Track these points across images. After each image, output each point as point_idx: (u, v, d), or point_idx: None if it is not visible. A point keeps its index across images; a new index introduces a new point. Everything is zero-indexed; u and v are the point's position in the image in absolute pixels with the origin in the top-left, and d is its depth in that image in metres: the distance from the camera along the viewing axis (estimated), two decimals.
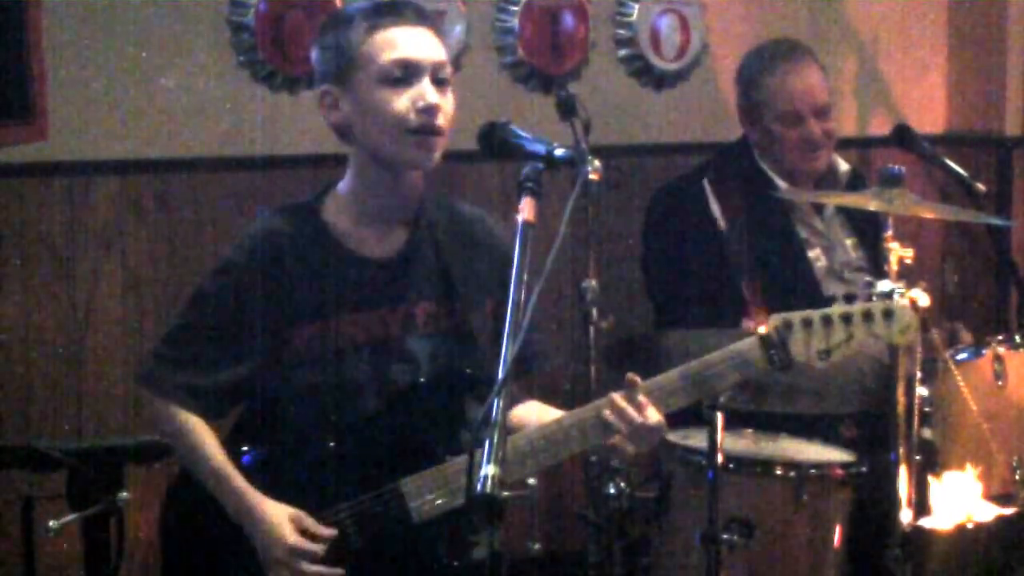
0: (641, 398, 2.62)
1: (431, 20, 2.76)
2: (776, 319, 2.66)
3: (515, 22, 4.22)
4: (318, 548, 2.64)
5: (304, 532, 2.65)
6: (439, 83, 2.71)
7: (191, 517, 2.78)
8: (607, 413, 2.61)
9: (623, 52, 4.45)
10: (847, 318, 2.67)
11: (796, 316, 2.66)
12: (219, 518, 2.70)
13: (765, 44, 4.17)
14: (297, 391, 2.73)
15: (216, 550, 2.73)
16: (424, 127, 2.68)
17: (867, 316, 2.68)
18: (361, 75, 2.69)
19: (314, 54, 2.79)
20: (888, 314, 2.69)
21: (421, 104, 2.67)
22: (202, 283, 2.80)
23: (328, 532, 2.66)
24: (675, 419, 2.77)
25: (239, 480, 2.69)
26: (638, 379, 2.63)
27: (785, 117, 3.99)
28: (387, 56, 2.67)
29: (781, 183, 4.00)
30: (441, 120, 2.70)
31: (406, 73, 2.67)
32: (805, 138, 3.99)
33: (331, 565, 2.65)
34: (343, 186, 2.80)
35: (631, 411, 2.60)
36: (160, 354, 2.78)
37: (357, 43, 2.69)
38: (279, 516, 2.65)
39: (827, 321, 2.67)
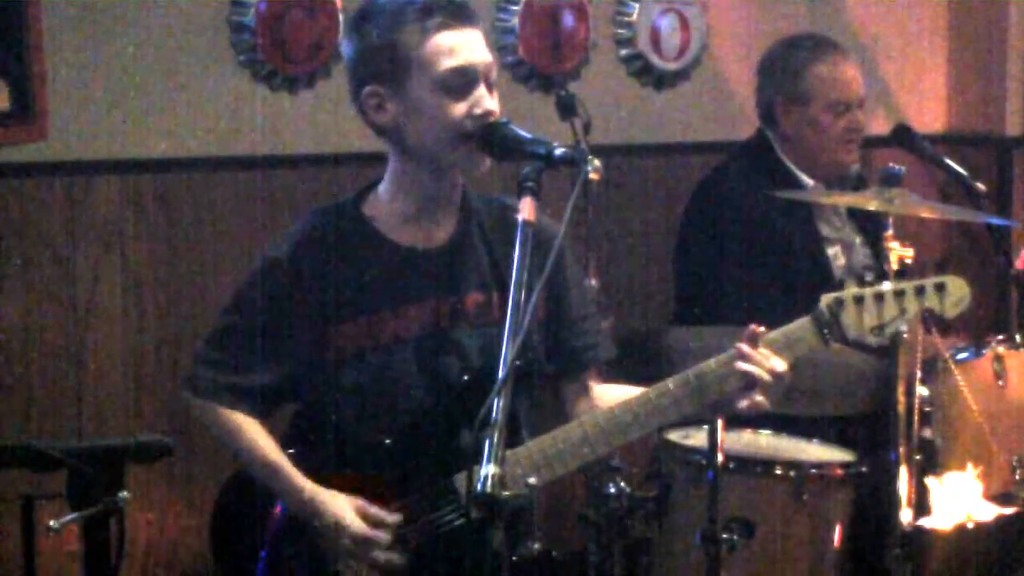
0: (763, 348, 2.61)
1: (478, 19, 2.69)
2: (828, 298, 2.64)
3: (515, 22, 4.22)
4: (385, 536, 2.62)
5: (368, 519, 2.63)
6: (489, 85, 2.66)
7: (246, 515, 2.75)
8: (740, 364, 2.59)
9: (623, 52, 4.45)
10: (899, 293, 2.67)
11: (848, 294, 2.64)
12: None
13: (798, 36, 4.13)
14: (345, 388, 2.70)
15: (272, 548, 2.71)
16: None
17: (919, 291, 2.68)
18: (415, 80, 2.62)
19: (350, 50, 2.70)
20: (940, 287, 2.69)
21: (478, 111, 2.61)
22: (244, 283, 2.77)
23: (393, 518, 2.63)
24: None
25: (297, 475, 2.66)
26: (762, 329, 2.63)
27: (835, 105, 3.96)
28: (446, 63, 2.60)
29: (807, 179, 3.98)
30: None
31: (464, 80, 2.61)
32: (852, 127, 3.98)
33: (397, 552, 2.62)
34: (384, 183, 2.75)
35: (763, 359, 2.60)
36: (202, 356, 2.76)
37: (410, 46, 2.61)
38: (342, 506, 2.63)
39: (879, 297, 2.66)
